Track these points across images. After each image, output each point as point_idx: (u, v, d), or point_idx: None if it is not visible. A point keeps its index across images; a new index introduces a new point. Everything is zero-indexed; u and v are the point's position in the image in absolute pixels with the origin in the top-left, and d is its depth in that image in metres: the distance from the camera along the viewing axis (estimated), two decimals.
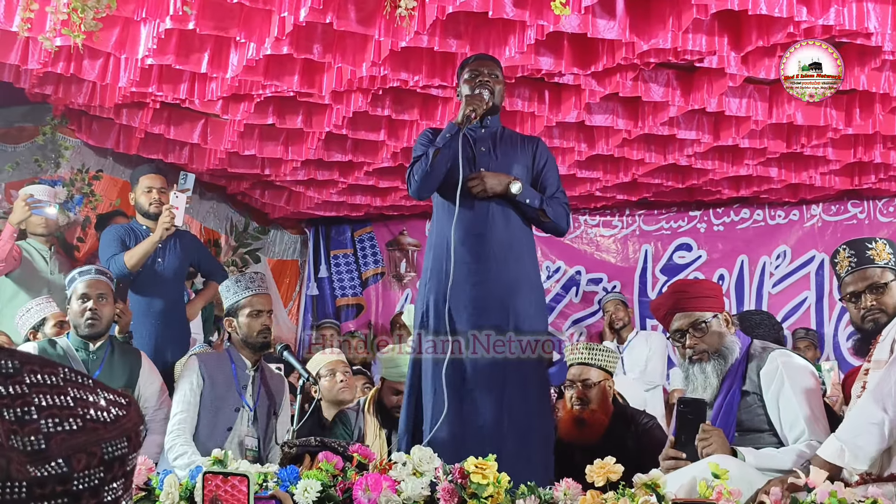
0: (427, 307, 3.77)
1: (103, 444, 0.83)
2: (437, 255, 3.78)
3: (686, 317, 3.47)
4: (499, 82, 3.88)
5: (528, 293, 3.75)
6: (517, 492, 2.91)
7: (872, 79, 5.30)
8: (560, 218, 3.84)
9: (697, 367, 3.45)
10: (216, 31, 4.69)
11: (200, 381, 4.12)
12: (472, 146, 3.85)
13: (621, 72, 5.34)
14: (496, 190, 3.70)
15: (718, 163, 6.94)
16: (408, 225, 9.35)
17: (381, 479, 2.95)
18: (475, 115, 3.69)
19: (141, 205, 5.28)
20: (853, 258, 3.36)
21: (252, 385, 4.23)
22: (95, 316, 4.30)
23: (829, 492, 2.72)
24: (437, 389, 3.60)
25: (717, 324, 3.45)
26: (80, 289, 4.33)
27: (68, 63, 5.15)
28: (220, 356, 4.30)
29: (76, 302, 4.32)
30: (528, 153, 3.91)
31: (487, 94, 3.78)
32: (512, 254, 3.74)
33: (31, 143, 6.41)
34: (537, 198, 3.77)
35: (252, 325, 4.22)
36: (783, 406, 3.29)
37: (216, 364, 4.22)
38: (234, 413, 4.12)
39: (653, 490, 2.78)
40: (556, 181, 3.92)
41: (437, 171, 3.71)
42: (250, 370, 4.24)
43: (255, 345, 4.24)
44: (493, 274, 3.69)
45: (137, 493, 3.21)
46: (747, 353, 3.45)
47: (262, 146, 6.64)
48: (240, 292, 4.27)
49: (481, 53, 4.25)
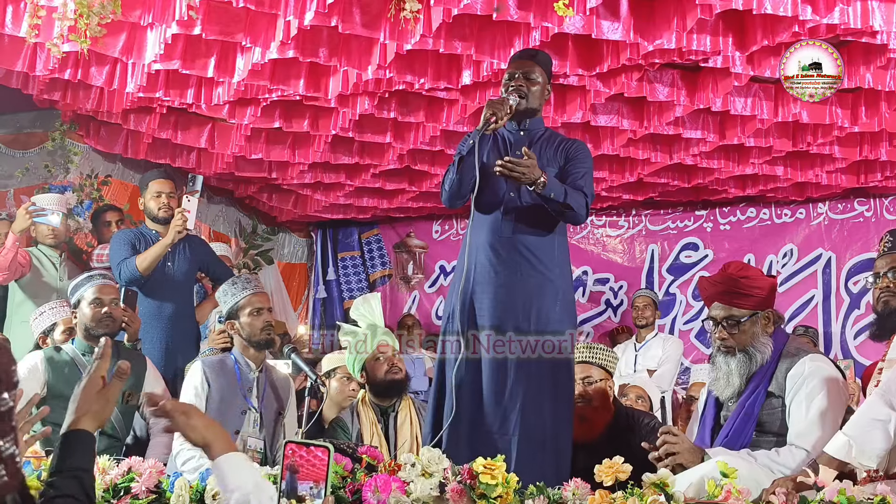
0: (452, 308, 3.77)
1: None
2: (466, 257, 3.77)
3: (723, 309, 3.44)
4: (535, 84, 3.80)
5: (552, 298, 3.69)
6: (526, 492, 2.92)
7: (878, 77, 5.29)
8: (580, 208, 3.69)
9: (723, 358, 3.44)
10: (222, 35, 4.71)
11: (205, 385, 4.14)
12: (508, 149, 3.81)
13: (626, 72, 5.33)
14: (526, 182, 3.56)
15: (724, 162, 6.93)
16: (415, 227, 9.35)
17: (391, 481, 2.96)
18: (496, 120, 3.61)
19: (151, 210, 5.31)
20: (890, 242, 3.38)
21: (257, 387, 4.25)
22: (111, 317, 4.42)
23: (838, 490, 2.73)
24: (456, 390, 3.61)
25: (752, 323, 3.40)
26: (92, 293, 4.40)
27: (76, 69, 5.18)
28: (224, 360, 4.32)
29: (89, 306, 4.38)
30: (563, 155, 3.82)
31: (515, 99, 3.72)
32: (539, 259, 3.69)
33: (41, 148, 6.45)
34: (561, 191, 3.64)
35: (254, 324, 4.25)
36: (794, 412, 3.27)
37: (220, 368, 4.24)
38: (241, 416, 4.14)
39: (661, 490, 2.79)
40: (582, 171, 3.79)
41: (466, 178, 3.66)
42: (255, 372, 4.27)
43: (259, 343, 4.27)
44: (518, 278, 3.64)
45: (148, 496, 3.23)
46: (780, 354, 3.40)
47: (269, 150, 6.66)
48: (238, 293, 4.30)
49: (525, 50, 4.19)
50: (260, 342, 4.27)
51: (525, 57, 3.93)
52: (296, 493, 2.23)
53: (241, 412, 4.14)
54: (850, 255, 7.88)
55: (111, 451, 4.17)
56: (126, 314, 4.78)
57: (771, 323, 3.46)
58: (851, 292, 7.86)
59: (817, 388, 3.25)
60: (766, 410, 3.34)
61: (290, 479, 2.23)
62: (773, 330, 3.46)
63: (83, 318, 4.39)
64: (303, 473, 2.24)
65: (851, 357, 7.51)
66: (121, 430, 4.34)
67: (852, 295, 7.83)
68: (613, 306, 8.79)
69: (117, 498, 3.25)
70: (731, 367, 3.40)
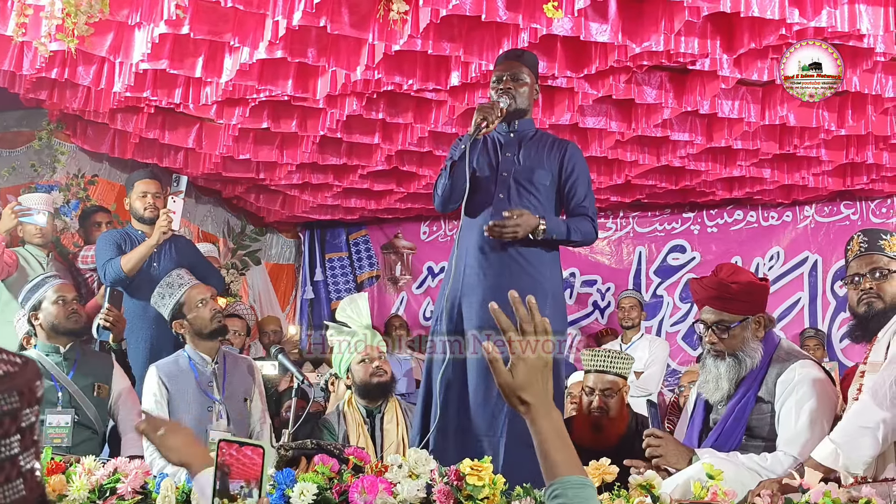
0: (441, 310, 3.78)
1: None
2: (455, 260, 3.78)
3: (714, 313, 3.44)
4: (523, 85, 3.81)
5: (542, 300, 3.62)
6: (513, 493, 2.92)
7: (864, 80, 5.32)
8: (588, 234, 3.76)
9: (713, 362, 3.44)
10: (210, 35, 4.70)
11: (163, 390, 4.12)
12: (499, 151, 3.82)
13: (614, 74, 5.35)
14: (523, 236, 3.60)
15: (711, 164, 6.95)
16: (403, 228, 9.35)
17: (377, 482, 2.96)
18: (487, 124, 3.62)
19: (136, 210, 5.28)
20: (865, 243, 3.36)
21: (217, 379, 4.23)
22: (78, 313, 4.46)
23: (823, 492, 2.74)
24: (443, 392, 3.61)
25: (742, 328, 3.40)
26: (53, 293, 4.44)
27: (63, 68, 5.16)
28: (177, 360, 4.29)
29: (53, 305, 4.41)
30: (556, 159, 3.82)
31: (505, 101, 3.72)
32: (529, 262, 3.69)
33: (27, 147, 6.43)
34: (563, 228, 3.69)
35: (202, 315, 4.25)
36: (783, 419, 3.28)
37: (176, 369, 4.22)
38: (208, 412, 4.13)
39: (648, 491, 2.79)
40: (584, 190, 3.82)
41: (458, 183, 3.67)
42: (211, 364, 4.25)
43: (212, 332, 4.26)
44: (507, 280, 3.63)
45: (134, 497, 3.22)
46: (771, 358, 3.40)
47: (257, 150, 6.65)
48: (175, 292, 4.31)
49: (511, 51, 4.18)
50: (213, 331, 4.26)
51: (511, 58, 3.94)
52: (227, 492, 2.22)
53: (208, 409, 4.13)
54: (837, 257, 7.90)
55: (90, 442, 4.20)
56: (111, 314, 4.77)
57: (762, 327, 3.45)
58: (837, 295, 7.90)
59: (807, 395, 3.26)
60: (755, 415, 3.35)
61: (220, 477, 2.22)
62: (763, 334, 3.45)
63: (48, 317, 4.40)
64: (234, 472, 2.23)
65: (837, 359, 7.54)
66: (97, 421, 4.35)
67: (838, 298, 7.86)
68: (601, 308, 8.80)
69: (103, 499, 3.24)
70: (721, 371, 3.40)
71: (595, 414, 4.03)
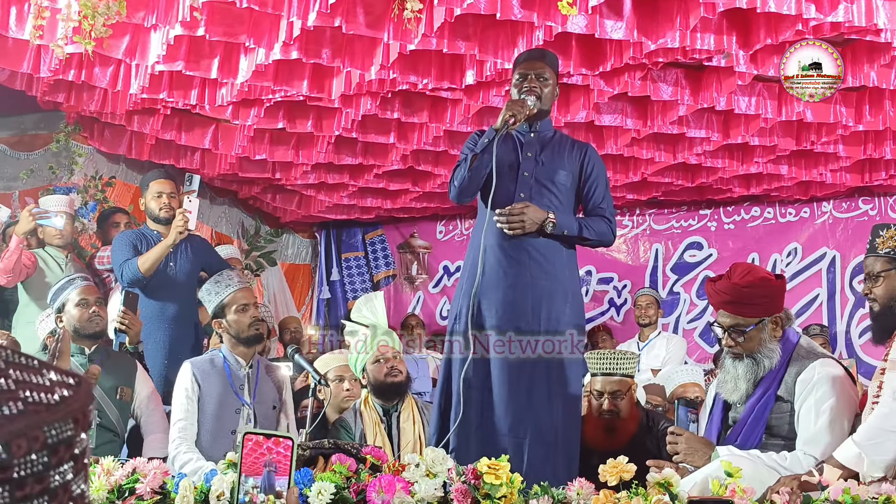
0: (459, 309, 3.77)
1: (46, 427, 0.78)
2: (472, 258, 3.77)
3: (729, 317, 3.42)
4: (547, 85, 3.80)
5: (561, 300, 3.69)
6: (530, 492, 2.92)
7: (882, 75, 5.28)
8: (604, 234, 3.78)
9: (731, 362, 3.43)
10: (226, 36, 4.72)
11: (196, 387, 4.12)
12: (519, 150, 3.81)
13: (629, 71, 5.33)
14: (531, 229, 3.64)
15: (728, 161, 6.92)
16: (419, 227, 9.36)
17: (395, 481, 2.96)
18: (514, 122, 3.63)
19: (151, 210, 5.30)
20: (868, 243, 3.39)
21: (248, 383, 4.23)
22: (100, 316, 4.45)
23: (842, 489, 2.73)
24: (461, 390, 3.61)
25: (758, 330, 3.37)
26: (77, 295, 4.43)
27: (79, 70, 5.19)
28: (213, 359, 4.29)
29: (76, 308, 4.40)
30: (576, 160, 3.83)
31: (533, 100, 3.72)
32: (548, 261, 3.69)
33: (45, 150, 6.46)
34: (574, 225, 3.70)
35: (242, 321, 4.23)
36: (803, 419, 3.26)
37: (210, 368, 4.22)
38: (235, 415, 4.13)
39: (666, 489, 2.78)
40: (602, 192, 3.83)
41: (477, 176, 3.67)
42: (245, 368, 4.25)
43: (248, 339, 4.25)
44: (527, 279, 3.64)
45: (153, 497, 3.23)
46: (790, 357, 3.38)
47: (273, 150, 6.67)
48: (222, 291, 4.29)
49: (534, 50, 4.18)
50: (249, 338, 4.25)
51: (535, 57, 3.92)
52: (274, 490, 2.22)
53: (236, 411, 4.13)
54: (855, 253, 7.84)
55: (110, 445, 4.21)
56: (126, 318, 4.77)
57: (779, 327, 3.43)
58: (856, 291, 7.83)
59: (827, 394, 3.24)
60: (775, 414, 3.33)
61: (267, 475, 2.21)
62: (781, 334, 3.43)
63: (71, 319, 4.40)
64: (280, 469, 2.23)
65: (856, 356, 7.50)
66: (118, 425, 4.35)
67: (857, 294, 7.80)
68: (617, 306, 8.78)
69: (122, 499, 3.25)
70: (739, 372, 3.39)
71: (606, 416, 4.02)
